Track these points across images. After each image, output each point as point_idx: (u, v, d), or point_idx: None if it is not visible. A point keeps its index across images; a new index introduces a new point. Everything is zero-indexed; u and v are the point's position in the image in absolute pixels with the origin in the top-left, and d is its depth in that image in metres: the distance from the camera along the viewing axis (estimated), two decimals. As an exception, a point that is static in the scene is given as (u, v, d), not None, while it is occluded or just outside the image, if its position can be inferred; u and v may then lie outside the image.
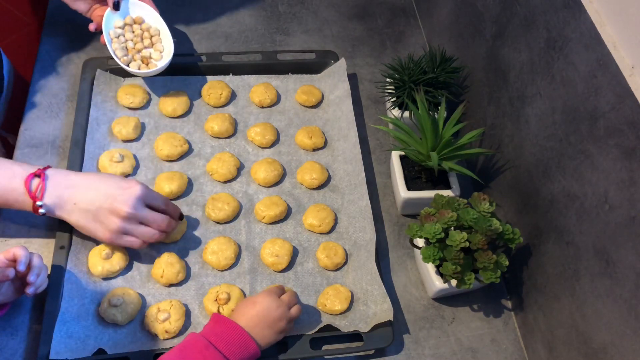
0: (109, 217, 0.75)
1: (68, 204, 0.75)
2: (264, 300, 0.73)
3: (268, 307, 0.73)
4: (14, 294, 0.74)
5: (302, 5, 1.20)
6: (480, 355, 0.82)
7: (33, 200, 0.74)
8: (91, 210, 0.75)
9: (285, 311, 0.74)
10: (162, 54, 0.97)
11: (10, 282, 0.73)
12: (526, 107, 0.80)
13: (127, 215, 0.75)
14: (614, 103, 0.62)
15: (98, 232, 0.76)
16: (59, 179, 0.75)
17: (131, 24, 0.97)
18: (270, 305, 0.73)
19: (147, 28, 0.98)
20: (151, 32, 0.98)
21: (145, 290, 0.81)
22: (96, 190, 0.76)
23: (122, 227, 0.76)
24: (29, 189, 0.73)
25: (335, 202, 0.93)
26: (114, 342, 0.76)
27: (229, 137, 0.98)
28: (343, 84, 1.02)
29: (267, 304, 0.73)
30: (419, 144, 0.86)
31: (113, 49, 0.93)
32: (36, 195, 0.74)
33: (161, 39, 0.98)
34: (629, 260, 0.61)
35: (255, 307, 0.73)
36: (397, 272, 0.88)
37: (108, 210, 0.75)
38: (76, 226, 0.77)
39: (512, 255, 0.85)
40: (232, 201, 0.88)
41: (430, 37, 1.15)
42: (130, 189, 0.76)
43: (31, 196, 0.74)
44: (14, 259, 0.70)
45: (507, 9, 0.84)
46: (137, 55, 0.95)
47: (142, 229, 0.77)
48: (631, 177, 0.60)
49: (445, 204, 0.81)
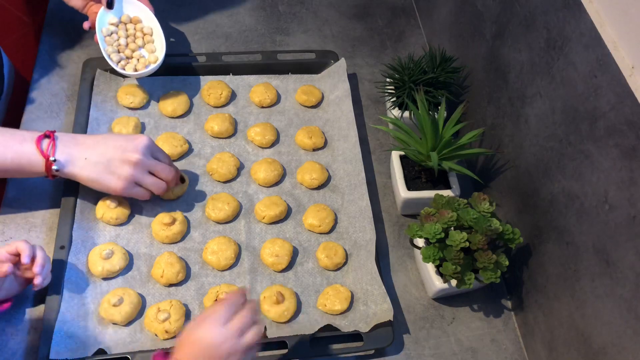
0: (120, 166, 0.79)
1: (79, 159, 0.78)
2: (206, 335, 0.61)
3: (210, 344, 0.61)
4: (18, 287, 0.74)
5: (302, 5, 1.20)
6: (480, 355, 0.82)
7: (46, 158, 0.76)
8: (103, 162, 0.78)
9: (235, 344, 0.61)
10: (155, 55, 0.97)
11: (14, 277, 0.73)
12: (526, 107, 0.80)
13: (139, 162, 0.79)
14: (614, 103, 0.62)
15: (111, 182, 0.79)
16: (67, 139, 0.79)
17: (126, 22, 0.97)
18: (213, 342, 0.61)
19: (141, 28, 0.98)
20: (144, 32, 0.98)
21: (145, 290, 0.81)
22: (105, 144, 0.79)
23: (133, 175, 0.79)
24: (40, 148, 0.76)
25: (335, 202, 0.93)
26: (114, 342, 0.76)
27: (229, 137, 0.98)
28: (343, 84, 1.02)
29: (208, 341, 0.61)
30: (419, 144, 0.86)
31: (105, 48, 0.93)
32: (48, 154, 0.76)
33: (154, 39, 0.98)
34: (629, 260, 0.61)
35: (194, 346, 0.61)
36: (397, 272, 0.88)
37: (119, 160, 0.79)
38: (88, 180, 0.80)
39: (512, 255, 0.85)
40: (232, 201, 0.88)
41: (430, 37, 1.15)
42: (138, 139, 0.80)
43: (44, 155, 0.76)
44: (17, 253, 0.71)
45: (507, 9, 0.84)
46: (129, 54, 0.95)
47: (151, 179, 0.81)
48: (631, 177, 0.60)
49: (445, 204, 0.81)
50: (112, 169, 0.79)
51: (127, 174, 0.79)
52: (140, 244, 0.85)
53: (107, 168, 0.79)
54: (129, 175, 0.79)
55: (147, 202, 0.88)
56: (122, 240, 0.85)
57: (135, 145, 0.79)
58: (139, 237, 0.86)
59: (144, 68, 0.95)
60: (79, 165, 0.78)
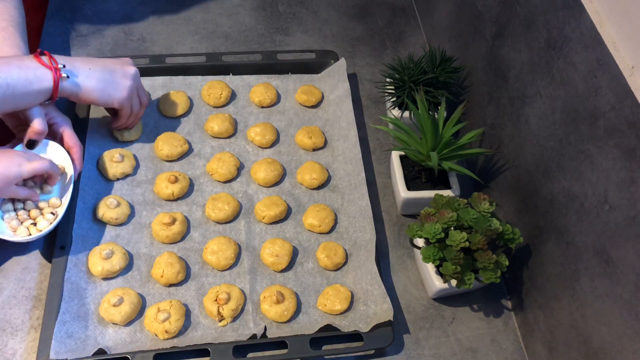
0: (121, 79, 0.84)
1: (83, 69, 0.81)
2: None
3: None
4: None
5: (302, 5, 1.20)
6: (480, 355, 0.82)
7: (52, 69, 0.77)
8: (107, 72, 0.83)
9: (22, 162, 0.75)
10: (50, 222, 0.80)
11: None
12: (526, 107, 0.80)
13: (136, 76, 0.86)
14: (614, 103, 0.62)
15: (116, 92, 0.84)
16: (63, 57, 0.80)
17: None
18: None
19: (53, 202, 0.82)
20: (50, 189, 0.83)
21: (145, 290, 0.81)
22: (102, 60, 0.85)
23: (133, 87, 0.86)
24: (43, 63, 0.77)
25: (335, 202, 0.93)
26: (114, 342, 0.76)
27: (229, 137, 0.98)
28: (343, 84, 1.02)
29: None
30: (419, 144, 0.86)
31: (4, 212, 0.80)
32: (52, 65, 0.77)
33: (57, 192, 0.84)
34: (629, 260, 0.61)
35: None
36: (397, 272, 0.88)
37: (121, 73, 0.84)
38: (94, 90, 0.82)
39: (512, 255, 0.85)
40: (232, 201, 0.88)
41: (430, 37, 1.15)
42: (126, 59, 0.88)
43: (48, 67, 0.77)
44: None
45: (507, 9, 0.84)
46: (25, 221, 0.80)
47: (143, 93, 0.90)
48: (631, 177, 0.60)
49: (445, 204, 0.81)
50: (117, 80, 0.83)
51: (128, 83, 0.84)
52: (140, 244, 0.85)
53: (112, 78, 0.83)
54: (130, 86, 0.85)
55: (147, 202, 0.88)
56: (122, 240, 0.85)
57: (129, 62, 0.87)
58: (139, 237, 0.86)
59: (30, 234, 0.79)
60: (84, 74, 0.81)
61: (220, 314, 0.79)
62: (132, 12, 1.13)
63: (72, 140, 0.84)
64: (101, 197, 0.87)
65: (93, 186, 0.88)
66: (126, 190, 0.89)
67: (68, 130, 0.84)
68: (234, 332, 0.78)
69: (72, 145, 0.84)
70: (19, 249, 0.83)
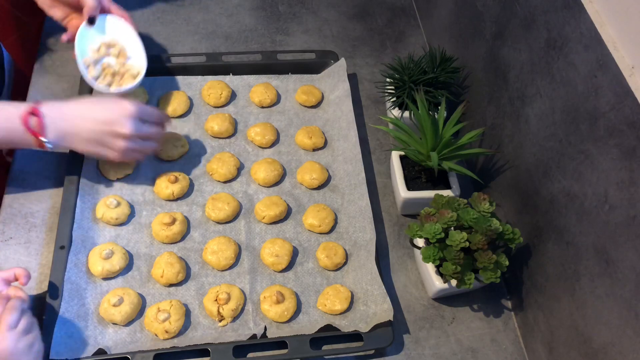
0: (113, 140, 0.81)
1: (70, 135, 0.80)
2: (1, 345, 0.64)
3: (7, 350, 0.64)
4: None
5: (302, 5, 1.20)
6: (480, 355, 0.82)
7: (36, 136, 0.77)
8: (95, 138, 0.80)
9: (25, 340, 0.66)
10: (134, 74, 0.92)
11: None
12: (526, 107, 0.80)
13: (130, 134, 0.81)
14: (614, 103, 0.62)
15: (108, 154, 0.82)
16: (54, 114, 0.78)
17: (107, 46, 0.92)
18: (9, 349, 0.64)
19: (122, 49, 0.93)
20: (126, 54, 0.93)
21: (145, 290, 0.81)
22: (93, 119, 0.80)
23: (128, 147, 0.82)
24: (29, 128, 0.77)
25: (335, 202, 0.93)
26: (114, 342, 0.76)
27: (229, 137, 0.98)
28: (343, 84, 1.02)
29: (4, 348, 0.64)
30: (419, 144, 0.86)
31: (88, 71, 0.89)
32: (37, 133, 0.77)
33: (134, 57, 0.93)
34: (629, 260, 0.61)
35: None
36: (397, 272, 0.88)
37: (111, 135, 0.80)
38: (84, 152, 0.85)
39: (512, 255, 0.85)
40: (232, 201, 0.88)
41: (430, 37, 1.15)
42: (124, 109, 0.81)
43: (33, 134, 0.77)
44: None
45: (507, 9, 0.84)
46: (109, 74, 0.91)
47: (145, 144, 0.84)
48: (631, 177, 0.60)
49: (445, 204, 0.81)
50: (106, 143, 0.81)
51: (121, 146, 0.81)
52: (140, 244, 0.85)
53: (101, 142, 0.81)
54: (124, 147, 0.81)
55: (147, 202, 0.88)
56: (122, 240, 0.85)
57: (125, 120, 0.80)
58: (139, 237, 0.86)
59: (121, 86, 0.91)
60: (70, 140, 0.80)
61: (220, 314, 0.79)
62: (131, 12, 1.13)
63: (120, 11, 0.92)
64: (101, 197, 0.87)
65: (93, 186, 0.88)
66: (126, 190, 0.89)
67: (113, 4, 0.92)
68: (234, 332, 0.78)
69: (123, 14, 0.92)
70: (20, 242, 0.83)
